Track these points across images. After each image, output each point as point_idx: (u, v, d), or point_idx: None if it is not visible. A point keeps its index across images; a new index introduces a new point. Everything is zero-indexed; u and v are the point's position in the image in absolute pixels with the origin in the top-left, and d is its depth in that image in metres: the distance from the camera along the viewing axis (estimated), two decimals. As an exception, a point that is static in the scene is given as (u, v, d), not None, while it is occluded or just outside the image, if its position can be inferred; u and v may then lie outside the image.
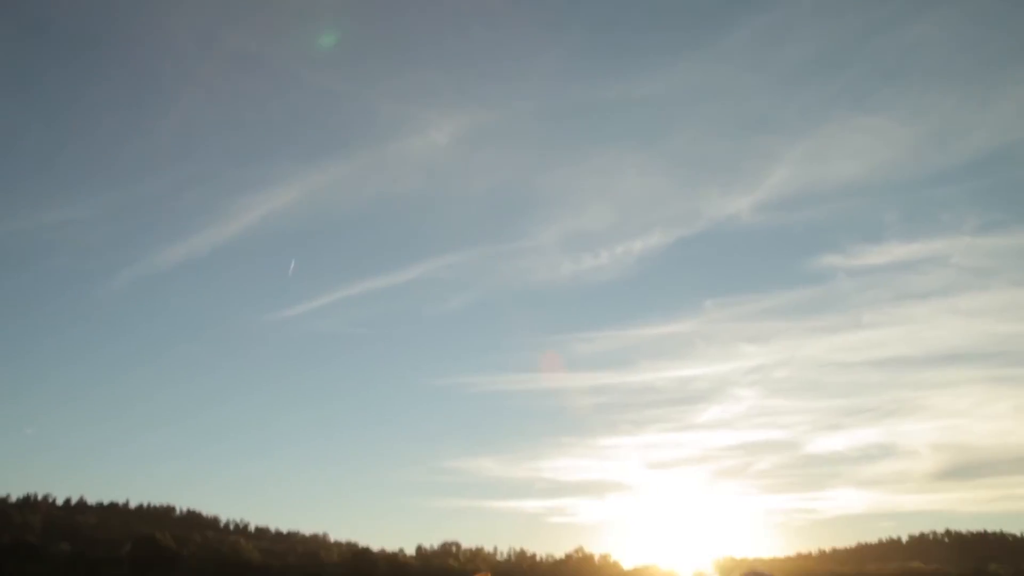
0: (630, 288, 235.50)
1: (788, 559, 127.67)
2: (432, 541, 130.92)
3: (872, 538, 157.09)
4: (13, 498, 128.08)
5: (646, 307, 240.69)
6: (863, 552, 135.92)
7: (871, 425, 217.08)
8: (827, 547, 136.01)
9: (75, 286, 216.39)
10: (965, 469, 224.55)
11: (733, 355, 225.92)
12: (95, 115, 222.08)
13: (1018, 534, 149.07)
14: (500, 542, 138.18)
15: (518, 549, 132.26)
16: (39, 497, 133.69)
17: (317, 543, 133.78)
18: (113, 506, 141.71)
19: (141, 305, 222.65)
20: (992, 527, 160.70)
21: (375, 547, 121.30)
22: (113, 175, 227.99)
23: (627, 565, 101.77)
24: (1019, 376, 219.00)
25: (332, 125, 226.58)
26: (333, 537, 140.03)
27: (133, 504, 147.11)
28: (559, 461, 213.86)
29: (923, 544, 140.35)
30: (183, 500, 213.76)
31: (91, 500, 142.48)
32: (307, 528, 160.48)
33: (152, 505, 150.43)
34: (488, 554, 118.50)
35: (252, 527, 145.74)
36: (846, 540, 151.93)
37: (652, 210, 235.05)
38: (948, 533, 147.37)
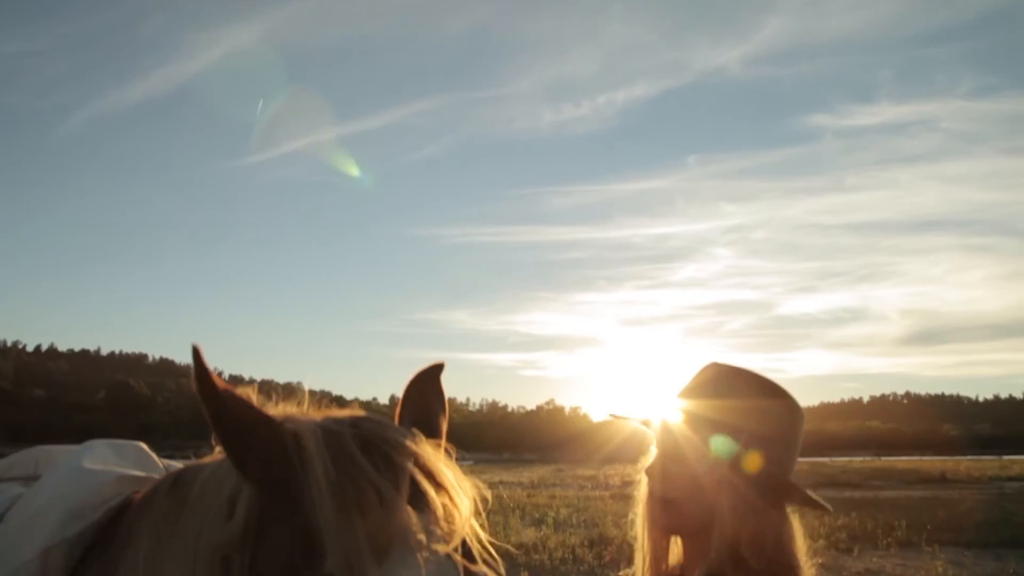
0: (611, 141, 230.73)
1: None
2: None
3: (835, 398, 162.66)
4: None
5: (627, 161, 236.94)
6: (825, 411, 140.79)
7: (844, 289, 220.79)
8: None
9: (29, 125, 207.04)
10: (931, 335, 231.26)
11: (712, 214, 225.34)
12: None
13: (972, 397, 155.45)
14: (473, 394, 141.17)
15: (490, 400, 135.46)
16: (8, 343, 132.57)
17: (290, 391, 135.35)
18: (85, 353, 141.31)
19: (100, 147, 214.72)
20: (950, 391, 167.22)
21: (348, 396, 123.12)
22: (65, 4, 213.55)
23: (596, 418, 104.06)
24: (993, 244, 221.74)
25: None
26: (307, 386, 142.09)
27: (105, 351, 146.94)
28: (533, 315, 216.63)
29: (883, 405, 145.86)
30: (155, 348, 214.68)
31: (62, 347, 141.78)
32: (281, 377, 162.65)
33: (124, 352, 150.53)
34: (461, 404, 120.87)
35: (226, 375, 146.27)
36: (810, 400, 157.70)
37: (638, 59, 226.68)
38: (907, 395, 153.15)
